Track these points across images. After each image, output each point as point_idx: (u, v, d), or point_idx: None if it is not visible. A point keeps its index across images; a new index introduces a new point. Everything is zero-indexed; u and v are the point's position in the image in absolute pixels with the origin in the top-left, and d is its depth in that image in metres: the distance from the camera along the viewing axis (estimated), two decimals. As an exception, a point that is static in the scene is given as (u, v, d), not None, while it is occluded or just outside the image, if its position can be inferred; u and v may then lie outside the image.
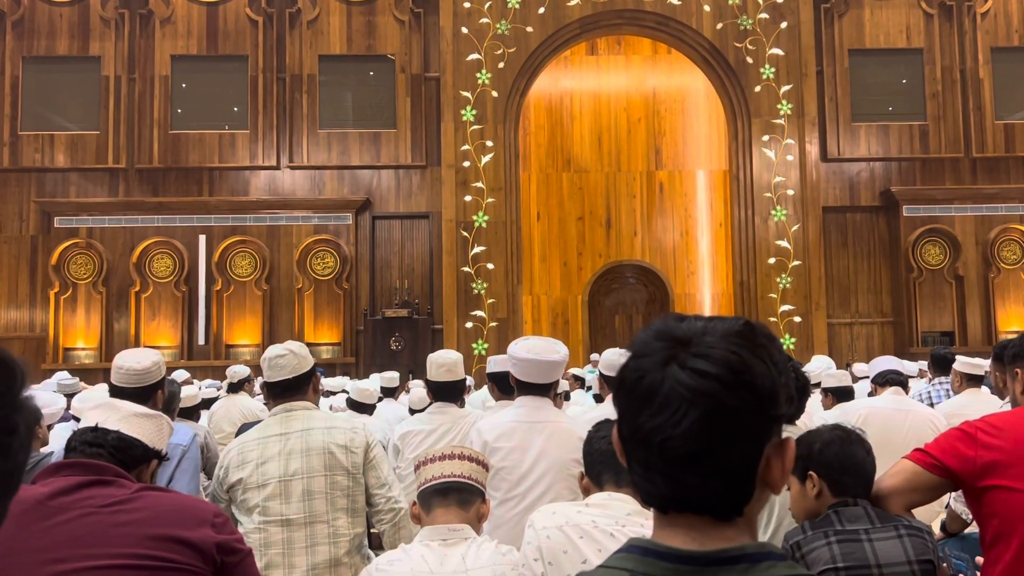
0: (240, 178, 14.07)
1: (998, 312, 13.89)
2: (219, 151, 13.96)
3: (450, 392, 4.09)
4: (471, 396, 7.14)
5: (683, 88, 15.04)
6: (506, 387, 3.66)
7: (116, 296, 13.67)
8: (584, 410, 5.45)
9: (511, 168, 13.64)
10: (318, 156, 13.99)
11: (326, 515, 2.78)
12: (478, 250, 13.32)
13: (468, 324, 13.21)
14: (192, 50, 14.11)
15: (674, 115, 15.13)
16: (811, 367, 6.12)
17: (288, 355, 2.94)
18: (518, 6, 13.58)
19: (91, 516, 1.70)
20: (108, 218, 13.72)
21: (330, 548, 2.77)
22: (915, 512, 2.14)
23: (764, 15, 13.73)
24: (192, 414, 5.48)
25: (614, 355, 3.91)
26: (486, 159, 13.44)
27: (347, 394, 6.22)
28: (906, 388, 4.46)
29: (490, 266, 13.29)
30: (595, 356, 12.97)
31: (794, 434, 2.23)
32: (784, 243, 13.55)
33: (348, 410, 5.48)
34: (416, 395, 6.15)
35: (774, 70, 13.70)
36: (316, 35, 14.11)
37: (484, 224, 13.36)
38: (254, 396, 7.36)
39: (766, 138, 13.68)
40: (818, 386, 5.61)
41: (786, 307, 13.43)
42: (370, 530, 3.56)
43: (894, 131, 14.24)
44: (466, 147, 13.44)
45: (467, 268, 13.29)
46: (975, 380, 4.97)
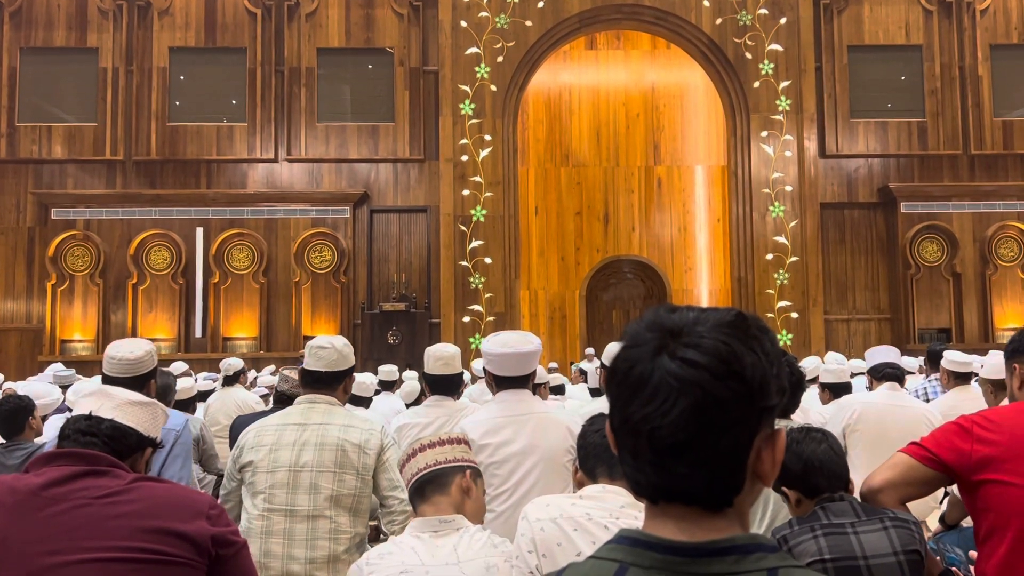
0: (238, 171, 14.05)
1: (995, 309, 13.90)
2: (217, 144, 13.93)
3: (447, 385, 4.08)
4: (468, 389, 7.14)
5: (682, 83, 15.03)
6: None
7: (113, 288, 13.66)
8: (581, 404, 5.45)
9: (509, 162, 13.63)
10: (316, 149, 13.97)
11: (329, 511, 2.78)
12: (476, 244, 13.31)
13: (465, 318, 13.21)
14: (190, 42, 14.08)
15: (673, 110, 15.12)
16: (808, 363, 6.12)
17: (330, 349, 2.97)
18: (517, 0, 13.55)
19: (85, 508, 1.69)
20: (105, 210, 13.70)
21: (330, 544, 2.77)
22: (909, 506, 2.14)
23: (763, 11, 13.71)
24: (188, 406, 5.48)
25: (616, 348, 3.91)
26: (484, 153, 13.43)
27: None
28: (902, 382, 4.45)
29: (488, 260, 13.28)
30: (589, 350, 12.98)
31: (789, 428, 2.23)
32: (782, 239, 13.55)
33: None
34: (407, 388, 6.15)
35: (773, 66, 13.69)
36: (314, 28, 14.08)
37: (482, 218, 13.35)
38: (248, 388, 7.35)
39: (764, 134, 13.67)
40: (815, 381, 5.62)
41: (783, 303, 13.43)
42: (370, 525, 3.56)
43: (892, 128, 14.23)
44: (464, 141, 13.42)
45: (465, 262, 13.28)
46: (963, 378, 4.95)
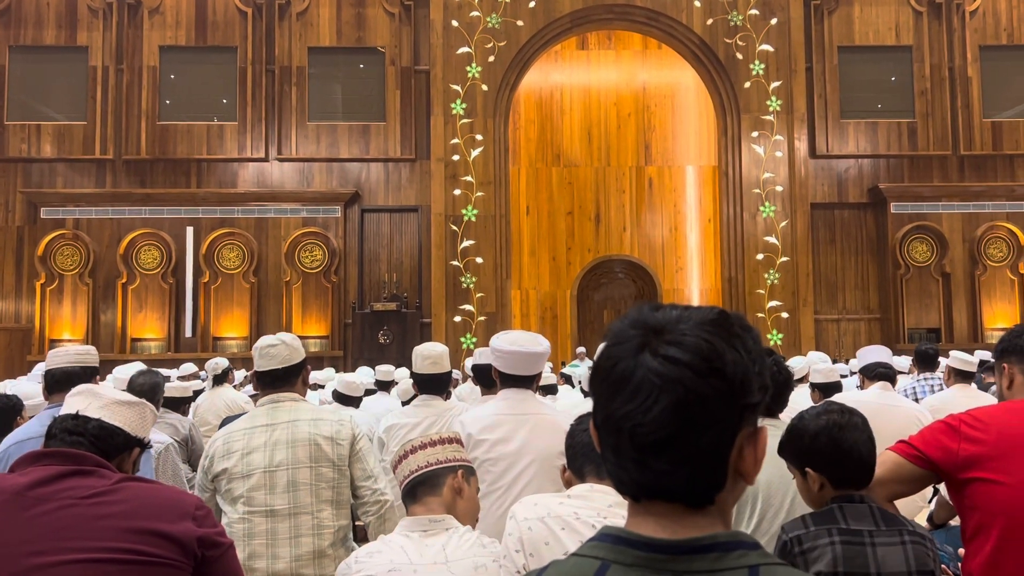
0: (228, 170, 14.01)
1: (984, 309, 13.97)
2: (207, 143, 13.89)
3: (436, 385, 4.08)
4: (458, 389, 7.14)
5: (673, 83, 15.05)
6: (487, 380, 3.66)
7: (103, 288, 13.60)
8: (574, 403, 5.46)
9: (500, 162, 13.63)
10: (307, 148, 13.94)
11: (311, 506, 2.78)
12: (467, 244, 13.30)
13: (457, 318, 13.20)
14: (180, 41, 14.03)
15: (664, 110, 15.14)
16: (795, 363, 6.14)
17: (280, 345, 2.94)
18: (509, 0, 13.55)
19: (71, 508, 1.68)
20: (95, 209, 13.64)
21: (314, 540, 2.77)
22: (897, 504, 2.15)
23: (754, 11, 13.74)
24: (180, 406, 5.47)
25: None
26: (476, 153, 13.42)
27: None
28: (894, 382, 4.48)
29: (479, 260, 13.28)
30: (581, 349, 13.00)
31: (778, 428, 2.22)
32: (772, 239, 13.58)
33: (334, 403, 5.47)
34: (402, 387, 6.15)
35: (764, 66, 13.72)
36: (305, 27, 14.05)
37: (473, 218, 13.34)
38: (237, 388, 7.33)
39: (755, 134, 13.70)
40: (804, 380, 5.64)
41: (774, 303, 13.47)
42: (355, 523, 3.55)
43: (882, 128, 14.28)
44: (456, 141, 13.41)
45: (456, 262, 13.27)
46: (966, 376, 5.00)
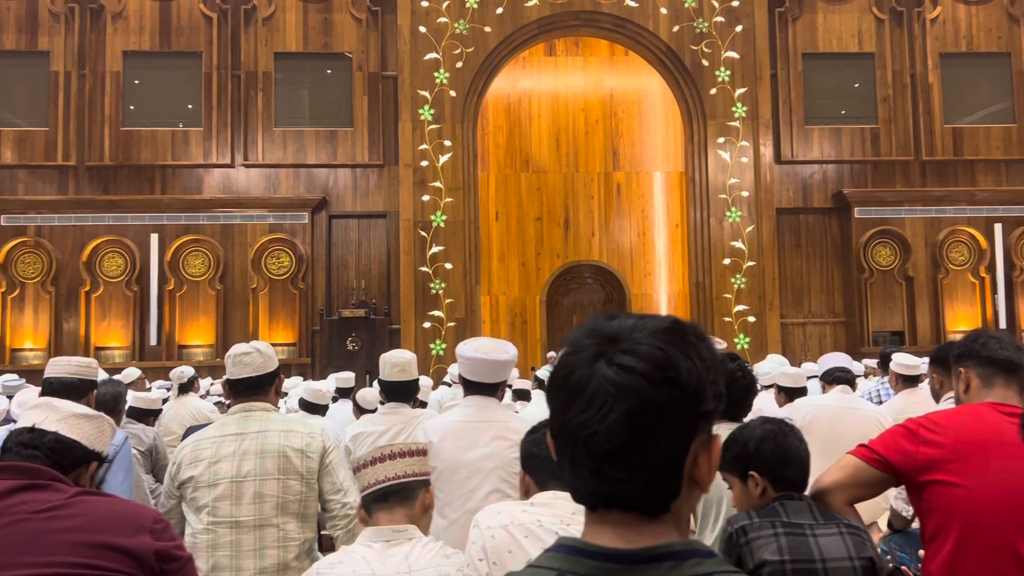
0: (193, 176, 13.87)
1: (946, 312, 14.19)
2: (172, 149, 13.75)
3: (403, 392, 4.05)
4: (430, 395, 7.11)
5: (640, 90, 15.15)
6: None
7: (65, 296, 13.40)
8: (542, 410, 5.45)
9: (469, 168, 13.63)
10: (273, 154, 13.84)
11: (276, 519, 2.75)
12: (436, 250, 13.28)
13: (426, 324, 13.16)
14: (144, 46, 13.88)
15: (631, 117, 15.23)
16: (762, 367, 6.19)
17: (254, 353, 2.92)
18: (476, 6, 13.56)
19: (24, 522, 1.65)
20: (57, 216, 13.44)
21: (279, 552, 2.74)
22: (859, 507, 2.18)
23: (720, 18, 13.88)
24: (146, 418, 5.39)
25: None
26: (444, 159, 13.41)
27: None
28: (853, 386, 4.52)
29: (448, 266, 13.26)
30: (551, 354, 13.01)
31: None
32: (739, 244, 13.70)
33: (300, 411, 5.43)
34: (368, 395, 6.09)
35: (729, 73, 13.85)
36: (272, 32, 13.96)
37: (442, 224, 13.32)
38: (203, 397, 7.25)
39: (721, 140, 13.82)
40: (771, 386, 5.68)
41: (740, 307, 13.58)
42: (320, 532, 3.53)
43: (846, 134, 14.47)
44: (424, 146, 13.39)
45: (425, 268, 13.24)
46: (911, 380, 5.03)
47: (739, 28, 13.88)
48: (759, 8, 13.94)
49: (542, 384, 8.33)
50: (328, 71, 14.12)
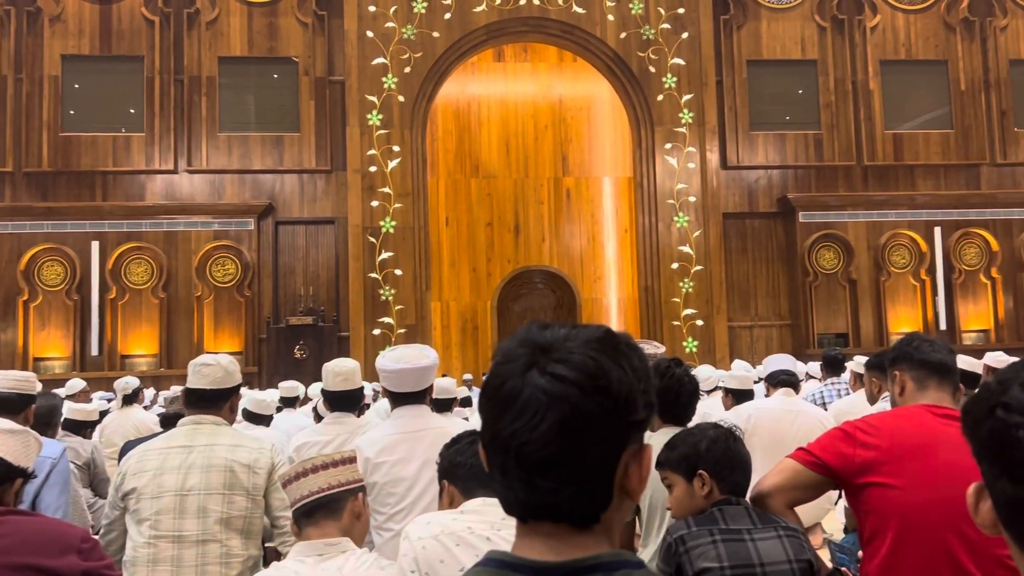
0: (135, 182, 13.60)
1: (889, 314, 14.50)
2: (113, 154, 13.46)
3: (347, 402, 3.99)
4: (376, 405, 7.03)
5: (588, 96, 15.23)
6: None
7: (2, 305, 13.05)
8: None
9: (419, 173, 13.57)
10: (218, 160, 13.63)
11: (220, 535, 2.70)
12: (385, 256, 13.19)
13: (376, 331, 13.06)
14: (84, 50, 13.58)
15: (580, 122, 15.30)
16: (703, 371, 6.25)
17: (215, 366, 2.89)
18: (424, 11, 13.52)
19: (-57, 543, 1.58)
20: (-7, 224, 13.09)
21: (221, 569, 2.69)
22: (802, 508, 2.19)
23: (666, 25, 14.03)
24: (83, 429, 5.24)
25: None
26: (393, 164, 13.33)
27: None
28: (797, 389, 4.58)
29: (398, 272, 13.18)
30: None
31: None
32: (687, 249, 13.84)
33: (244, 421, 5.32)
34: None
35: (676, 79, 14.00)
36: (215, 36, 13.76)
37: (391, 229, 13.24)
38: (147, 409, 7.09)
39: (669, 146, 13.96)
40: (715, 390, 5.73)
41: (689, 311, 13.72)
42: (265, 546, 3.46)
43: (790, 140, 14.72)
44: (372, 152, 13.30)
45: (374, 274, 13.14)
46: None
47: (685, 35, 14.04)
48: (704, 16, 14.12)
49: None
50: (274, 76, 13.96)
